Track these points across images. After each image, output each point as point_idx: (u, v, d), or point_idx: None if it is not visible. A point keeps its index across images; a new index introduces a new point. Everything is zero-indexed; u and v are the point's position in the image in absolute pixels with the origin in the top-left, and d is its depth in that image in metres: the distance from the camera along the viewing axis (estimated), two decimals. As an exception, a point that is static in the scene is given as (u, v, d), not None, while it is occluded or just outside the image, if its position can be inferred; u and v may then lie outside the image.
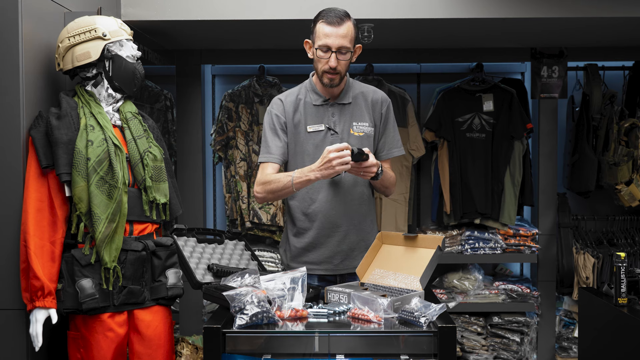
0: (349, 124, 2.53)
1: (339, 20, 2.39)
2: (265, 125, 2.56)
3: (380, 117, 2.57)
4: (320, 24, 2.42)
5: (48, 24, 2.48)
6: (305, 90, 2.57)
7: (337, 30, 2.39)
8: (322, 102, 2.53)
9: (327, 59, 2.41)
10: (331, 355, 1.97)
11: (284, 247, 2.66)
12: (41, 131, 2.25)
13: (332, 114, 2.53)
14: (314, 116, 2.53)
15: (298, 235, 2.57)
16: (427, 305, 2.03)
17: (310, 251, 2.55)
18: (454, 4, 3.18)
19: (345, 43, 2.40)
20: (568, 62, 4.08)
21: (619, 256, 2.77)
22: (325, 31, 2.39)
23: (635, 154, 3.95)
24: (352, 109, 2.54)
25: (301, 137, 2.52)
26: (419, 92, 4.42)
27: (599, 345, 3.02)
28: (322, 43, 2.40)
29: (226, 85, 4.42)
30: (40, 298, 2.20)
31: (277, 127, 2.53)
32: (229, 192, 4.17)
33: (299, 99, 2.55)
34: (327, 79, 2.45)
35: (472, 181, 4.03)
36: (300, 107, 2.53)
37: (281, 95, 2.59)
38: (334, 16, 2.40)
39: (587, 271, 3.98)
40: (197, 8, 3.19)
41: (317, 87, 2.54)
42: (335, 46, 2.39)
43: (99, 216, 2.22)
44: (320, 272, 2.55)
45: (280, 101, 2.56)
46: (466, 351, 4.00)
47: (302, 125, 2.52)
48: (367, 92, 2.59)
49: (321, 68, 2.44)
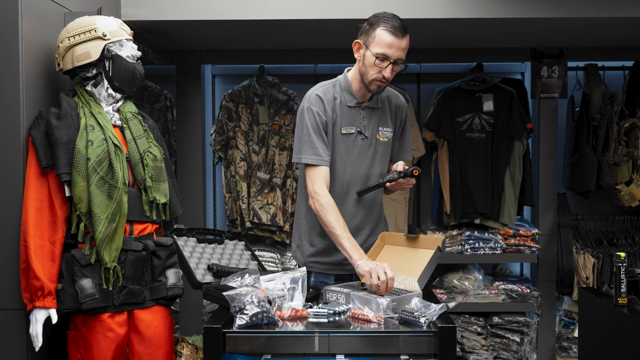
0: (376, 128, 2.52)
1: (403, 33, 2.34)
2: (307, 123, 2.43)
3: (400, 123, 2.60)
4: (382, 30, 2.34)
5: (48, 24, 2.48)
6: (340, 88, 2.50)
7: (400, 42, 2.33)
8: (356, 104, 2.49)
9: (382, 69, 2.36)
10: (331, 355, 1.97)
11: (299, 244, 2.59)
12: (41, 131, 2.25)
13: (363, 117, 2.50)
14: (347, 117, 2.48)
15: (322, 235, 2.49)
16: (427, 305, 2.03)
17: (332, 252, 2.49)
18: (454, 4, 3.18)
19: (404, 55, 2.37)
20: (568, 62, 4.08)
21: (619, 256, 2.78)
22: (387, 41, 2.33)
23: (635, 154, 3.95)
24: (379, 114, 2.53)
25: (335, 137, 2.48)
26: (419, 92, 4.42)
27: (599, 345, 3.02)
28: (382, 52, 2.33)
29: (226, 85, 4.42)
30: (40, 298, 2.20)
31: (320, 126, 2.43)
32: (229, 192, 4.17)
33: (335, 97, 2.48)
34: (376, 86, 2.41)
35: (472, 181, 4.03)
36: (336, 106, 2.48)
37: (318, 91, 2.48)
38: (398, 27, 2.33)
39: (587, 271, 3.98)
40: (197, 8, 3.19)
41: (353, 88, 2.49)
42: (394, 58, 2.35)
43: (99, 216, 2.22)
44: (339, 272, 2.54)
45: (319, 98, 2.45)
46: (466, 351, 4.00)
47: (337, 125, 2.47)
48: (391, 96, 2.58)
49: (373, 75, 2.39)
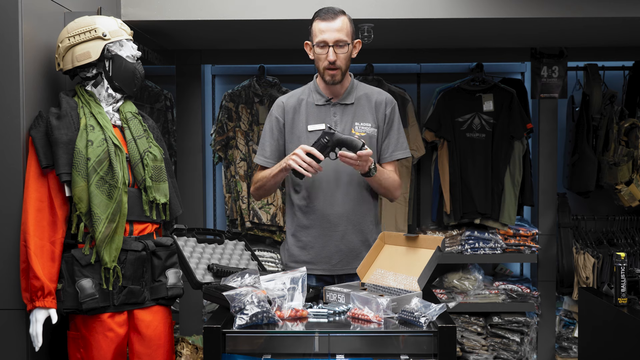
0: (351, 123, 2.53)
1: (333, 15, 2.42)
2: (265, 126, 2.60)
3: (384, 119, 2.56)
4: (316, 22, 2.46)
5: (48, 24, 2.48)
6: (309, 90, 2.58)
7: (331, 24, 2.41)
8: (325, 102, 2.54)
9: (325, 55, 2.43)
10: (331, 355, 1.97)
11: (284, 246, 2.66)
12: (41, 131, 2.25)
13: (333, 113, 2.53)
14: (316, 116, 2.54)
15: (297, 233, 2.56)
16: (427, 305, 2.03)
17: (308, 250, 2.54)
18: (454, 4, 3.18)
19: (342, 36, 2.42)
20: (568, 62, 4.08)
21: (619, 256, 2.77)
22: (320, 27, 2.43)
23: (635, 154, 3.95)
24: (354, 109, 2.54)
25: (302, 137, 2.52)
26: (419, 92, 4.42)
27: (599, 345, 3.02)
28: (319, 39, 2.43)
29: (226, 85, 4.42)
30: (40, 298, 2.20)
31: (275, 129, 2.56)
32: (229, 192, 4.17)
33: (300, 99, 2.56)
34: (329, 75, 2.46)
35: (472, 181, 4.03)
36: (302, 108, 2.54)
37: (284, 97, 2.61)
38: (328, 12, 2.43)
39: (587, 271, 3.98)
40: (197, 8, 3.19)
41: (320, 88, 2.55)
42: (331, 40, 2.41)
43: (99, 216, 2.22)
44: (317, 272, 2.53)
45: (281, 103, 2.58)
46: (466, 351, 4.00)
47: (304, 124, 2.53)
48: (371, 93, 2.59)
49: (321, 65, 2.46)
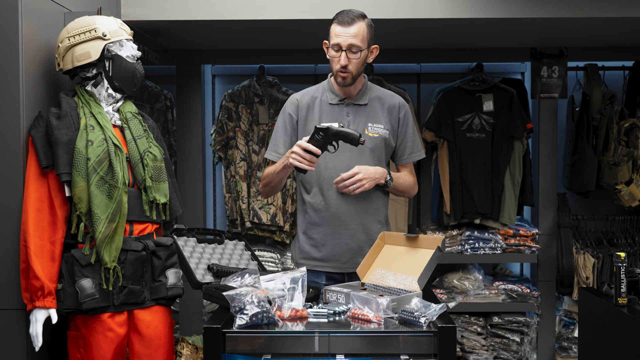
0: (364, 124, 2.56)
1: (350, 20, 2.44)
2: (278, 122, 2.62)
3: (397, 122, 2.61)
4: (334, 24, 2.48)
5: (48, 24, 2.48)
6: (323, 89, 2.61)
7: (347, 29, 2.43)
8: (338, 101, 2.57)
9: (338, 58, 2.46)
10: (331, 355, 1.97)
11: (295, 243, 2.68)
12: (41, 131, 2.25)
13: (347, 113, 2.56)
14: (329, 114, 2.56)
15: (307, 231, 2.59)
16: (427, 305, 2.03)
17: (320, 248, 2.57)
18: (454, 4, 3.18)
19: (356, 42, 2.44)
20: (568, 62, 4.08)
21: (619, 256, 2.77)
22: (336, 31, 2.45)
23: (635, 154, 3.95)
24: (367, 110, 2.57)
25: None
26: (419, 92, 4.42)
27: (599, 345, 3.02)
28: (334, 42, 2.46)
29: (226, 85, 4.42)
30: (40, 298, 2.20)
31: (288, 126, 2.59)
32: (229, 192, 4.17)
33: (314, 97, 2.59)
34: (340, 77, 2.49)
35: (472, 181, 4.03)
36: (315, 106, 2.58)
37: (298, 94, 2.64)
38: (346, 16, 2.45)
39: (587, 271, 3.98)
40: (197, 8, 3.19)
41: (334, 87, 2.58)
42: (345, 45, 2.44)
43: (99, 216, 2.22)
44: (328, 269, 2.57)
45: (295, 100, 2.61)
46: (466, 351, 4.00)
47: (317, 122, 2.54)
48: (384, 96, 2.62)
49: (334, 67, 2.50)
